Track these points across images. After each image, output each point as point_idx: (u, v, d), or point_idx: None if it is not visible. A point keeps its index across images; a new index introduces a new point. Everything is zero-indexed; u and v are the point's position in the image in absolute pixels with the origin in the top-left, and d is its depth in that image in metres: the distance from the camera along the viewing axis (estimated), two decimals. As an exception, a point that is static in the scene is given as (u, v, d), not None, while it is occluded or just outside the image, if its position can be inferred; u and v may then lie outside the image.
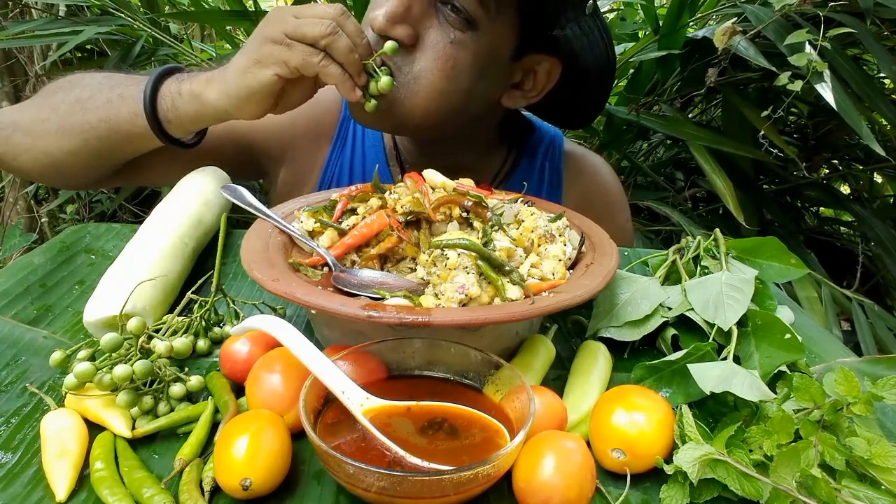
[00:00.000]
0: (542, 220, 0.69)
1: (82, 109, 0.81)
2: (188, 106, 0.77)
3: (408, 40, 0.75)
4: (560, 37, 0.82)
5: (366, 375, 0.53)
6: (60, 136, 0.82)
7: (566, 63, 0.85)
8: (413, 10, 0.75)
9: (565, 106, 0.96)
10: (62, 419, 0.52)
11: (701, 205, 2.13)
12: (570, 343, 0.70)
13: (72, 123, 0.81)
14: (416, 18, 0.75)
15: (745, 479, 0.47)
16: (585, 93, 0.93)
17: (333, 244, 0.68)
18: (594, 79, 0.90)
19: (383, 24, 0.74)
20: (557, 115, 1.01)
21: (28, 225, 2.07)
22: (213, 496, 0.47)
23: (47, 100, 0.85)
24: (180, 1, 2.11)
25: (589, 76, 0.88)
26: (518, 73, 0.85)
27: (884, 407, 0.62)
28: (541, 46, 0.83)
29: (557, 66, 0.85)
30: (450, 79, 0.77)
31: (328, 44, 0.70)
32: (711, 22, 1.75)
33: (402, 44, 0.75)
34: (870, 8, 1.40)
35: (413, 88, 0.77)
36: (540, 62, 0.84)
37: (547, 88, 0.87)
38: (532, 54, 0.83)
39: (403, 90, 0.77)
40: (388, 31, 0.74)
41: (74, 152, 0.83)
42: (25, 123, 0.84)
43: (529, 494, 0.46)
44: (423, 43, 0.76)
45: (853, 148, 2.03)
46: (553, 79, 0.86)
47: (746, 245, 0.78)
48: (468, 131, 0.91)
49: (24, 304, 0.72)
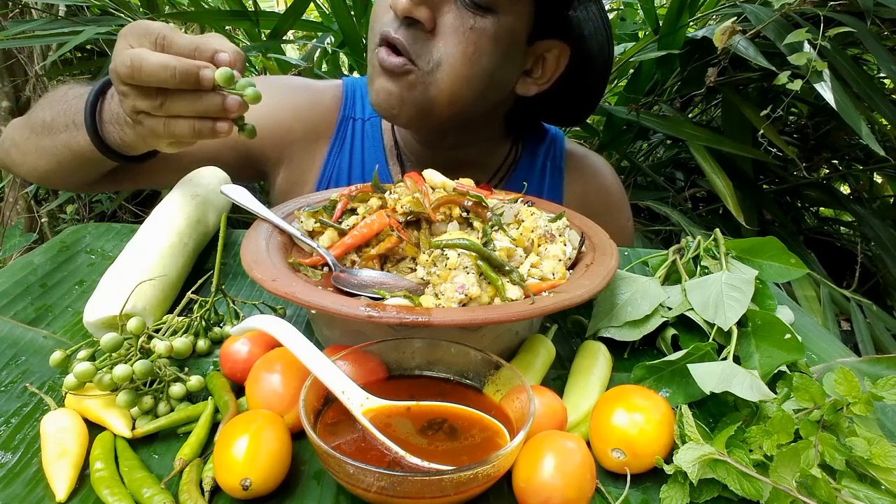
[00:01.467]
0: (542, 220, 0.69)
1: (48, 133, 0.81)
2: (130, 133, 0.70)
3: (428, 23, 0.75)
4: (572, 18, 0.83)
5: (366, 375, 0.53)
6: (38, 156, 0.84)
7: (574, 48, 0.86)
8: None
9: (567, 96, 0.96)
10: (62, 419, 0.52)
11: (701, 205, 2.13)
12: (570, 343, 0.70)
13: (44, 146, 0.82)
14: (434, 3, 0.75)
15: (745, 479, 0.47)
16: (587, 82, 0.93)
17: (333, 244, 0.68)
18: (596, 67, 0.91)
19: (407, 5, 0.73)
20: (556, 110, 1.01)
21: (28, 225, 2.07)
22: (213, 496, 0.47)
23: (31, 118, 0.86)
24: (180, 1, 2.11)
25: (593, 63, 0.89)
26: (529, 59, 0.86)
27: (884, 407, 0.62)
28: (552, 31, 0.84)
29: (566, 51, 0.86)
30: (472, 63, 0.77)
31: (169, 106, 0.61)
32: (711, 22, 1.76)
33: (422, 28, 0.75)
34: (870, 8, 1.40)
35: (436, 76, 0.77)
36: (550, 48, 0.85)
37: (556, 75, 0.88)
38: (543, 39, 0.84)
39: (426, 77, 0.77)
40: (412, 12, 0.74)
41: (54, 170, 0.84)
42: (16, 140, 0.88)
43: (529, 494, 0.46)
44: (441, 29, 0.76)
45: (853, 148, 2.03)
46: (562, 65, 0.87)
47: (746, 245, 0.78)
48: (480, 121, 0.92)
49: (24, 304, 0.72)
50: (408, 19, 0.76)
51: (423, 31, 0.76)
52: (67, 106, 0.79)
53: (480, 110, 0.86)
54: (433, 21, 0.76)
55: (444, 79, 0.78)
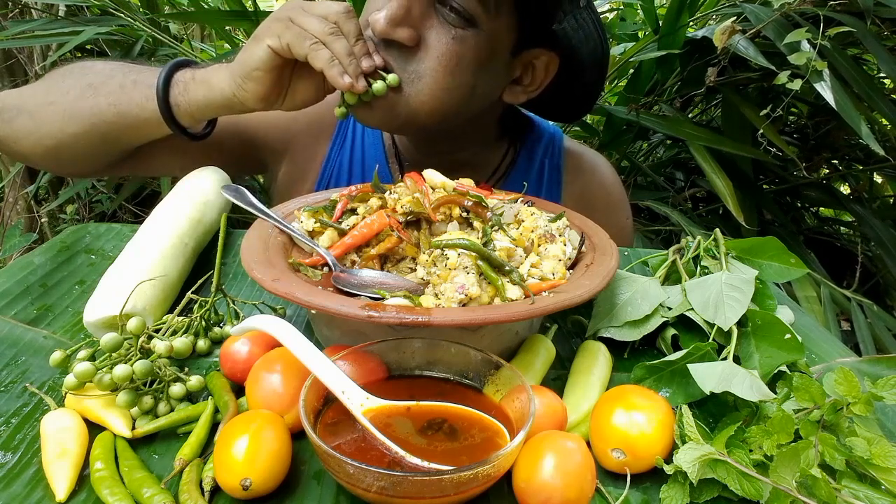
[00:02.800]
0: (542, 220, 0.69)
1: (93, 94, 0.82)
2: (198, 90, 0.78)
3: (410, 42, 0.76)
4: (558, 31, 0.82)
5: (366, 375, 0.53)
6: (68, 119, 0.83)
7: (563, 57, 0.86)
8: (413, 11, 0.75)
9: (561, 98, 0.96)
10: (62, 419, 0.52)
11: (701, 205, 2.13)
12: (570, 343, 0.70)
13: (81, 107, 0.82)
14: (416, 19, 0.76)
15: (745, 479, 0.47)
16: (581, 85, 0.93)
17: (333, 244, 0.68)
18: (590, 71, 0.90)
19: (385, 28, 0.74)
20: (552, 108, 1.01)
21: (28, 225, 2.07)
22: (213, 496, 0.47)
23: (56, 84, 0.85)
24: (180, 1, 2.10)
25: (585, 68, 0.89)
26: (517, 68, 0.86)
27: (884, 407, 0.62)
28: (539, 41, 0.83)
29: (555, 60, 0.86)
30: (453, 75, 0.78)
31: (325, 41, 0.72)
32: (711, 21, 1.76)
33: (404, 46, 0.76)
34: (870, 8, 1.40)
35: (417, 87, 0.78)
36: (538, 56, 0.85)
37: (546, 82, 0.88)
38: (530, 49, 0.84)
39: (407, 88, 0.78)
40: (390, 35, 0.75)
41: (79, 136, 0.83)
42: (30, 106, 0.85)
43: (529, 494, 0.46)
44: (425, 42, 0.77)
45: (853, 148, 2.03)
46: (551, 73, 0.87)
47: (746, 245, 0.78)
48: (469, 128, 0.92)
49: (24, 304, 0.72)
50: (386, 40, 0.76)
51: (405, 45, 0.76)
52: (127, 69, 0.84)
53: (464, 119, 0.85)
54: (415, 39, 0.76)
55: (424, 91, 0.78)
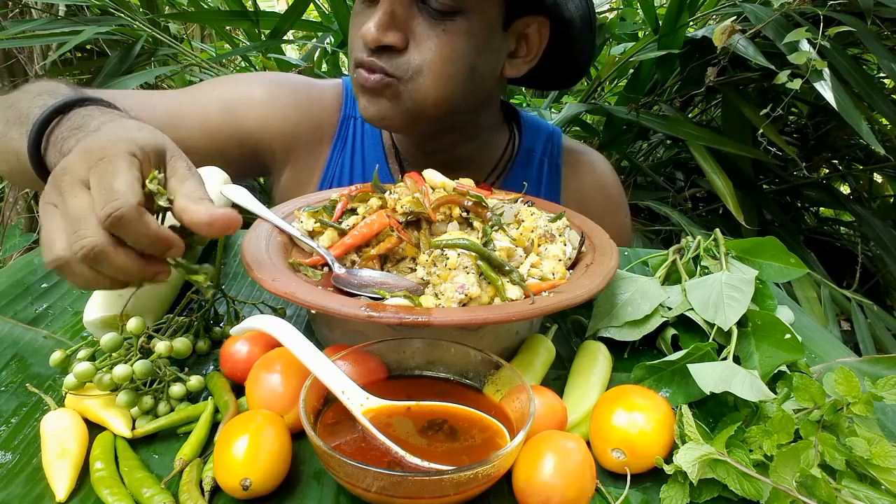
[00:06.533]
0: (542, 220, 0.69)
1: None
2: None
3: (400, 43, 0.78)
4: None
5: (366, 375, 0.53)
6: None
7: (552, 18, 0.87)
8: (397, 14, 0.77)
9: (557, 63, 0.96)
10: (62, 419, 0.52)
11: (701, 205, 2.13)
12: (570, 343, 0.70)
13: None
14: (402, 22, 0.78)
15: (745, 479, 0.47)
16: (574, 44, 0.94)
17: (333, 244, 0.68)
18: (579, 27, 0.91)
19: (376, 35, 0.76)
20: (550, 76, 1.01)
21: (28, 225, 2.07)
22: (213, 496, 0.47)
23: None
24: (180, 1, 2.11)
25: (574, 25, 0.90)
26: (511, 41, 0.87)
27: (884, 407, 0.62)
28: (526, 8, 0.85)
29: (545, 23, 0.87)
30: (452, 62, 0.80)
31: None
32: (711, 21, 1.76)
33: (396, 48, 0.78)
34: (870, 7, 1.40)
35: (418, 81, 0.80)
36: (529, 24, 0.86)
37: (542, 48, 0.89)
38: (520, 18, 0.85)
39: (409, 85, 0.80)
40: (381, 40, 0.77)
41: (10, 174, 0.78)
42: None
43: (529, 494, 0.46)
44: (415, 40, 0.79)
45: (853, 148, 2.03)
46: (544, 38, 0.88)
47: (746, 245, 0.78)
48: (473, 114, 0.93)
49: (24, 304, 0.72)
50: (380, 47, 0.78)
51: (397, 49, 0.79)
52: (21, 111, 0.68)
53: (470, 104, 0.87)
54: (405, 40, 0.78)
55: (426, 83, 0.80)
